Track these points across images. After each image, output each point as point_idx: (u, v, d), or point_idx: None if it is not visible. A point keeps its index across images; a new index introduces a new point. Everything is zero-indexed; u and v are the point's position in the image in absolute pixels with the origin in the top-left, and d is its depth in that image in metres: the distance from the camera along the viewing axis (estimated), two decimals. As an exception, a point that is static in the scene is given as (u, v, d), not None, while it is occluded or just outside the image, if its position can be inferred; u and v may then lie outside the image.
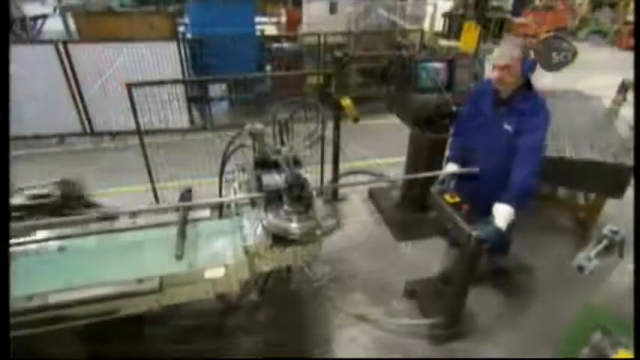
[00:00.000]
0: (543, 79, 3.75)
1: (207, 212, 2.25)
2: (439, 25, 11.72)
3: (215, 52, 5.58)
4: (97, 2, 6.75)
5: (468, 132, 2.57)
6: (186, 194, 2.28)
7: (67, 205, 2.19)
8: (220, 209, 2.54)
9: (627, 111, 4.07)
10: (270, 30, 7.46)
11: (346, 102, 3.54)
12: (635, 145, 2.71)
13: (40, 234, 1.99)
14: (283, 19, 7.80)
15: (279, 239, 1.92)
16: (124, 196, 4.13)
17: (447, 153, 2.85)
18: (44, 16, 7.96)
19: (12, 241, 1.90)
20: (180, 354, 2.52)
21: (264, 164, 2.26)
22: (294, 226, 1.89)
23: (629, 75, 4.03)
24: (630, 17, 12.57)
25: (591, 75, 7.74)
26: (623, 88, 4.24)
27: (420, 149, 3.49)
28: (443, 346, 2.65)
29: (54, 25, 8.32)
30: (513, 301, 2.97)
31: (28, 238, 1.95)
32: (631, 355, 1.44)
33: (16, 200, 2.09)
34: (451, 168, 2.58)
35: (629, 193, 3.05)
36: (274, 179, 2.10)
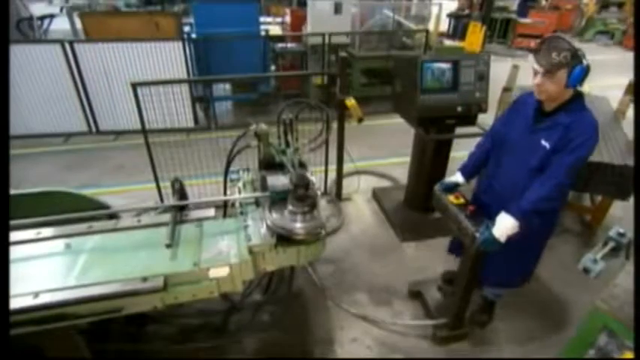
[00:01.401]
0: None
1: (211, 212, 2.25)
2: (444, 25, 11.72)
3: (220, 52, 5.60)
4: (103, 2, 6.78)
5: (494, 146, 2.30)
6: (176, 182, 2.26)
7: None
8: (225, 209, 2.56)
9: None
10: (275, 30, 7.46)
11: (351, 102, 3.54)
12: (635, 145, 2.69)
13: (45, 232, 2.00)
14: (288, 19, 7.80)
15: (283, 239, 1.92)
16: (128, 195, 4.15)
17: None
18: (51, 16, 8.00)
19: (18, 239, 1.92)
20: (183, 353, 2.52)
21: (269, 164, 2.27)
22: (298, 227, 1.89)
23: (637, 76, 3.99)
24: (638, 17, 12.45)
25: (597, 75, 7.67)
26: (630, 89, 4.20)
27: (425, 150, 3.49)
28: (446, 347, 2.64)
29: (61, 25, 8.39)
30: (517, 303, 2.95)
31: (33, 236, 1.97)
32: (632, 356, 1.43)
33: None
34: (455, 178, 2.46)
35: (636, 195, 3.03)
36: (279, 179, 2.11)
